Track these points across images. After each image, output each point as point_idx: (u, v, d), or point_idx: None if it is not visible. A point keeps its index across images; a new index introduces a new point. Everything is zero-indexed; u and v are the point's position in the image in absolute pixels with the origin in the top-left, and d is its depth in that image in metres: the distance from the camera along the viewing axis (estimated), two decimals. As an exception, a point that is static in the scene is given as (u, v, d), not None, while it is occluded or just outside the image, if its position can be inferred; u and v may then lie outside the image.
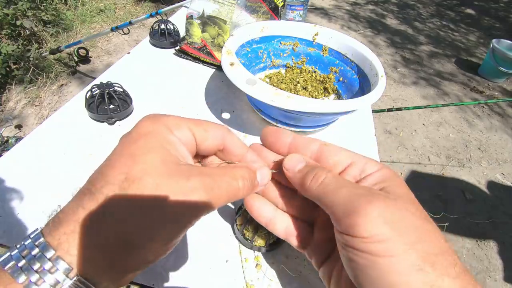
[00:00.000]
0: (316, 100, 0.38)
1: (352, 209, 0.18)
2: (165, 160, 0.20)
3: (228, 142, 0.25)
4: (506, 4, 4.06)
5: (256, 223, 0.32)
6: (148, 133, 0.21)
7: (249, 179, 0.23)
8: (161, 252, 0.20)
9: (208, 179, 0.20)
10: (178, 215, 0.19)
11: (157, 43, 0.63)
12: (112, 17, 2.41)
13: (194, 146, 0.24)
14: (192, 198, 0.19)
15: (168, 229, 0.19)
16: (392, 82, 2.28)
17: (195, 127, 0.23)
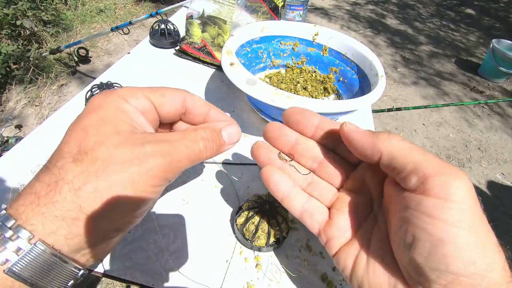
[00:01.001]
0: (316, 100, 0.38)
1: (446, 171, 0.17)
2: (119, 130, 0.20)
3: (188, 103, 0.24)
4: (506, 4, 4.06)
5: (256, 223, 0.32)
6: (100, 106, 0.20)
7: (211, 140, 0.22)
8: (128, 219, 0.20)
9: (165, 144, 0.20)
10: (136, 182, 0.19)
11: (157, 43, 0.63)
12: (112, 17, 2.41)
13: (154, 114, 0.23)
14: (148, 164, 0.19)
15: (128, 195, 0.19)
16: (392, 82, 2.28)
17: (151, 94, 0.23)
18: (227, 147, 0.24)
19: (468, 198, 0.17)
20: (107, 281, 1.01)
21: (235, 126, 0.25)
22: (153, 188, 0.20)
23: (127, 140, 0.19)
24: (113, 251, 0.30)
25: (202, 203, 0.36)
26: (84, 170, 0.18)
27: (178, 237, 0.33)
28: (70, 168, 0.18)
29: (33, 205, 0.17)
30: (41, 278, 0.17)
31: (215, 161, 0.42)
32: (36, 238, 0.17)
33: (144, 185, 0.19)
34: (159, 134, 0.21)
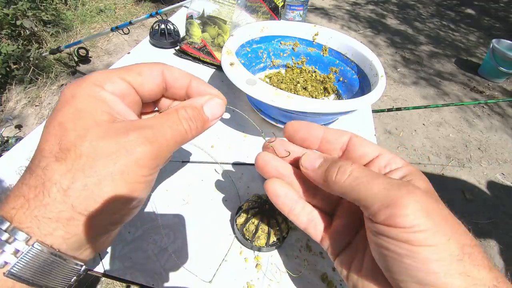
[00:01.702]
0: (316, 100, 0.38)
1: (389, 201, 0.18)
2: (98, 120, 0.19)
3: (168, 77, 0.23)
4: (506, 4, 4.06)
5: (256, 223, 0.32)
6: (73, 96, 0.19)
7: (194, 118, 0.22)
8: (124, 211, 0.20)
9: (149, 130, 0.19)
10: (126, 173, 0.18)
11: (157, 43, 0.63)
12: (112, 17, 2.41)
13: (134, 95, 0.22)
14: (136, 154, 0.18)
15: (119, 187, 0.18)
16: (392, 82, 2.28)
17: (127, 74, 0.21)
18: (212, 123, 0.24)
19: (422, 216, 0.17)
20: (107, 281, 1.01)
21: (216, 99, 0.24)
22: (144, 178, 0.19)
23: (109, 130, 0.18)
24: (113, 251, 0.30)
25: (202, 203, 0.36)
26: (70, 168, 0.17)
27: (178, 237, 0.33)
28: (55, 168, 0.17)
29: (23, 208, 0.17)
30: (43, 277, 0.17)
31: (215, 161, 0.42)
32: (33, 239, 0.17)
33: (135, 176, 0.19)
34: (141, 121, 0.20)
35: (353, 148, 0.24)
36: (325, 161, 0.22)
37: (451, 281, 0.16)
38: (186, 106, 0.22)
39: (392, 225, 0.18)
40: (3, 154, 0.39)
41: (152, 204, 0.35)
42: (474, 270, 0.17)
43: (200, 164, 0.41)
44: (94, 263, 0.29)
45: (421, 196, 0.18)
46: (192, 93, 0.24)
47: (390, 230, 0.18)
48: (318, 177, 0.22)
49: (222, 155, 0.43)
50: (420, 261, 0.17)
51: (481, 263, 0.17)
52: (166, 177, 0.38)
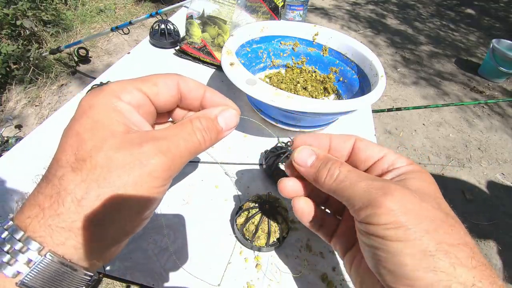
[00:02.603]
0: (316, 100, 0.38)
1: (369, 201, 0.20)
2: (114, 131, 0.19)
3: (183, 88, 0.24)
4: (506, 4, 4.06)
5: (256, 223, 0.32)
6: (91, 108, 0.20)
7: (208, 130, 0.22)
8: (136, 222, 0.20)
9: (163, 141, 0.19)
10: (139, 184, 0.18)
11: (157, 43, 0.63)
12: (112, 17, 2.41)
13: (150, 106, 0.22)
14: (150, 165, 0.19)
15: (132, 200, 0.18)
16: (392, 82, 2.28)
17: (143, 85, 0.22)
18: (225, 133, 0.24)
19: (397, 214, 0.19)
20: (107, 281, 1.01)
21: (231, 110, 0.24)
22: (157, 189, 0.20)
23: (124, 141, 0.19)
24: (113, 251, 0.30)
25: (202, 203, 0.36)
26: (84, 178, 0.18)
27: (178, 237, 0.33)
28: (71, 178, 0.18)
29: (38, 217, 0.17)
30: (53, 287, 0.17)
31: (216, 161, 0.42)
32: (46, 249, 0.17)
33: (148, 187, 0.19)
34: (156, 131, 0.21)
35: (358, 151, 0.25)
36: (317, 159, 0.24)
37: (422, 274, 0.17)
38: (201, 117, 0.22)
39: (371, 223, 0.19)
40: (3, 154, 0.39)
41: (152, 204, 0.35)
42: (449, 267, 0.17)
43: (200, 164, 0.41)
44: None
45: (401, 195, 0.19)
46: (206, 104, 0.25)
47: (369, 227, 0.19)
48: (310, 176, 0.24)
49: (222, 155, 0.43)
50: (392, 254, 0.18)
51: (461, 261, 0.17)
52: (166, 177, 0.38)
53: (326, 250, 0.34)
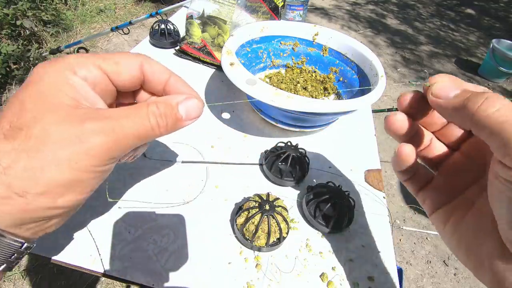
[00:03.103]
0: (316, 100, 0.38)
1: None
2: (60, 104, 0.18)
3: (146, 70, 0.23)
4: (506, 4, 4.06)
5: (256, 223, 0.32)
6: (42, 78, 0.19)
7: (165, 115, 0.21)
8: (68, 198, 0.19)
9: (109, 121, 0.19)
10: (74, 161, 0.18)
11: (157, 43, 0.63)
12: (112, 17, 2.41)
13: (108, 84, 0.22)
14: (89, 143, 0.18)
15: (64, 175, 0.18)
16: (392, 82, 2.28)
17: (103, 62, 0.21)
18: (186, 123, 0.22)
19: None
20: (107, 281, 1.01)
21: (194, 99, 0.23)
22: (94, 168, 0.19)
23: (67, 116, 0.18)
24: (113, 251, 0.30)
25: (202, 203, 0.36)
26: (15, 147, 0.17)
27: (178, 237, 0.33)
28: (1, 145, 0.17)
29: None
30: None
31: (216, 161, 0.42)
32: None
33: (84, 165, 0.18)
34: (105, 110, 0.20)
35: None
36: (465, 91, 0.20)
37: None
38: (159, 102, 0.21)
39: None
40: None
41: (152, 204, 0.35)
42: None
43: (200, 164, 0.41)
44: (93, 263, 0.29)
45: None
46: (170, 90, 0.24)
47: None
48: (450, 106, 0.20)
49: (222, 155, 0.43)
50: None
51: None
52: (166, 177, 0.38)
53: (326, 250, 0.34)
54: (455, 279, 1.19)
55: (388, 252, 0.35)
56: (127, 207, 0.34)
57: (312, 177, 0.42)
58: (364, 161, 0.46)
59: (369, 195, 0.41)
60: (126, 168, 0.38)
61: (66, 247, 0.30)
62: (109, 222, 0.33)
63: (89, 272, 0.29)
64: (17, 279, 1.00)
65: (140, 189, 0.36)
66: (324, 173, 0.43)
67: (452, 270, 1.22)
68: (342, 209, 0.35)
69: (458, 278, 1.20)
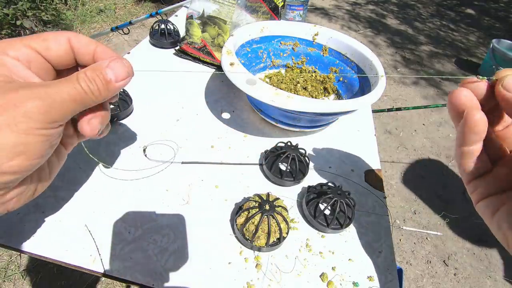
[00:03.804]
0: (316, 100, 0.38)
1: None
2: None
3: (74, 43, 0.24)
4: (506, 4, 4.06)
5: (256, 223, 0.32)
6: None
7: (93, 79, 0.22)
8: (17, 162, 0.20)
9: (42, 88, 0.20)
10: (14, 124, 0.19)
11: (157, 43, 0.63)
12: (112, 17, 2.41)
13: (42, 61, 0.23)
14: (25, 107, 0.19)
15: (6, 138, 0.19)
16: (392, 82, 2.28)
17: (32, 41, 0.23)
18: (118, 84, 0.23)
19: None
20: (107, 281, 1.01)
21: (119, 60, 0.24)
22: (37, 131, 0.20)
23: (2, 89, 0.19)
24: (113, 251, 0.30)
25: (202, 203, 0.36)
26: None
27: (178, 237, 0.33)
28: None
29: None
30: None
31: (216, 161, 0.42)
32: None
33: (25, 127, 0.19)
34: (38, 82, 0.21)
35: None
36: None
37: None
38: (87, 68, 0.22)
39: None
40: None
41: (152, 204, 0.35)
42: None
43: (200, 164, 0.41)
44: (93, 263, 0.29)
45: None
46: (99, 58, 0.25)
47: None
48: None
49: (222, 155, 0.43)
50: None
51: None
52: (166, 177, 0.38)
53: (326, 250, 0.34)
54: (455, 279, 1.19)
55: (388, 252, 0.35)
56: (127, 207, 0.34)
57: (312, 177, 0.42)
58: (364, 161, 0.46)
59: (369, 195, 0.41)
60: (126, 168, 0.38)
61: (66, 247, 0.30)
62: (109, 222, 0.33)
63: (89, 272, 0.29)
64: (17, 279, 1.00)
65: (141, 189, 0.37)
66: (324, 173, 0.43)
67: (452, 270, 1.22)
68: (342, 209, 0.35)
69: (458, 278, 1.20)
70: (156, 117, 0.47)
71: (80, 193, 0.35)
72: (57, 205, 0.33)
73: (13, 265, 1.02)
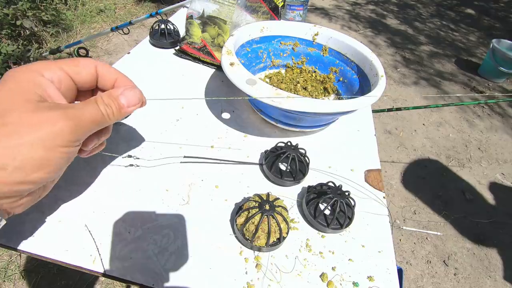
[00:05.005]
0: (316, 100, 0.38)
1: None
2: (29, 99, 0.22)
3: (100, 70, 0.28)
4: (506, 4, 4.06)
5: (256, 223, 0.32)
6: (14, 78, 0.23)
7: (109, 104, 0.26)
8: (39, 175, 0.22)
9: (70, 109, 0.23)
10: (46, 141, 0.22)
11: (157, 43, 0.63)
12: (112, 17, 2.41)
13: (70, 82, 0.27)
14: (58, 126, 0.22)
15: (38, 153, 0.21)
16: (392, 82, 2.28)
17: (65, 65, 0.26)
18: (130, 109, 0.27)
19: None
20: (107, 281, 1.01)
21: (132, 89, 0.28)
22: (62, 148, 0.23)
23: (36, 107, 0.22)
24: (113, 251, 0.30)
25: (202, 203, 0.36)
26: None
27: (178, 237, 0.33)
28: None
29: None
30: None
31: (216, 161, 0.42)
32: None
33: (54, 145, 0.22)
34: (67, 104, 0.24)
35: None
36: None
37: None
38: (104, 95, 0.26)
39: None
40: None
41: (152, 204, 0.35)
42: None
43: (200, 164, 0.41)
44: (93, 263, 0.29)
45: None
46: (118, 85, 0.29)
47: None
48: None
49: (222, 155, 0.43)
50: None
51: None
52: (166, 177, 0.38)
53: (326, 250, 0.34)
54: (455, 279, 1.19)
55: (388, 252, 0.35)
56: (127, 207, 0.34)
57: (312, 177, 0.42)
58: (364, 161, 0.46)
59: (369, 195, 0.41)
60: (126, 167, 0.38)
61: (66, 247, 0.30)
62: (109, 222, 0.33)
63: (89, 272, 0.29)
64: (17, 279, 1.00)
65: (141, 189, 0.37)
66: (324, 173, 0.43)
67: (452, 270, 1.22)
68: (342, 209, 0.35)
69: (458, 278, 1.20)
70: (156, 117, 0.47)
71: (80, 193, 0.35)
72: (57, 205, 0.33)
73: (13, 265, 1.02)
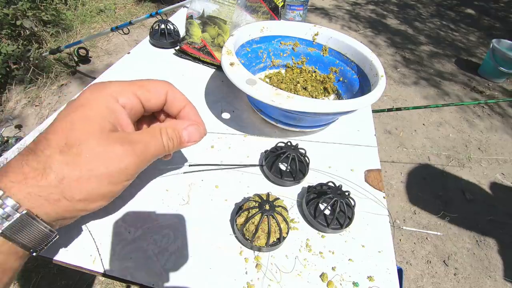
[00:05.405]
0: (316, 100, 0.38)
1: None
2: (102, 128, 0.23)
3: (170, 97, 0.29)
4: (506, 4, 4.06)
5: (256, 223, 0.32)
6: (90, 102, 0.24)
7: (172, 138, 0.27)
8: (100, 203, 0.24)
9: (138, 145, 0.24)
10: (113, 176, 0.23)
11: (157, 43, 0.63)
12: (112, 17, 2.41)
13: (140, 108, 0.28)
14: (125, 163, 0.23)
15: (103, 186, 0.23)
16: (392, 82, 2.28)
17: (139, 90, 0.27)
18: (189, 144, 0.29)
19: None
20: (107, 281, 1.01)
21: (195, 126, 0.29)
22: (125, 182, 0.25)
23: (108, 138, 0.23)
24: (113, 251, 0.30)
25: (202, 203, 0.36)
26: (69, 162, 0.22)
27: (178, 237, 0.33)
28: (58, 159, 0.22)
29: (21, 184, 0.21)
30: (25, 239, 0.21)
31: (215, 161, 0.42)
32: (23, 207, 0.20)
33: (119, 179, 0.24)
34: (133, 135, 0.25)
35: None
36: None
37: None
38: (169, 127, 0.27)
39: None
40: (3, 154, 0.39)
41: (152, 204, 0.35)
42: None
43: (200, 165, 0.41)
44: (93, 263, 0.29)
45: None
46: (184, 116, 0.30)
47: None
48: None
49: (222, 155, 0.43)
50: None
51: None
52: (166, 177, 0.38)
53: (326, 250, 0.34)
54: (455, 279, 1.19)
55: (388, 252, 0.35)
56: (127, 207, 0.34)
57: (312, 177, 0.42)
58: (364, 161, 0.46)
59: (369, 195, 0.41)
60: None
61: (66, 247, 0.30)
62: (109, 222, 0.33)
63: (89, 272, 0.29)
64: (17, 279, 1.00)
65: (141, 189, 0.36)
66: (324, 173, 0.43)
67: (452, 270, 1.22)
68: (342, 209, 0.35)
69: (458, 278, 1.20)
70: (156, 117, 0.47)
71: (80, 193, 0.35)
72: (57, 205, 0.33)
73: (13, 265, 1.02)
